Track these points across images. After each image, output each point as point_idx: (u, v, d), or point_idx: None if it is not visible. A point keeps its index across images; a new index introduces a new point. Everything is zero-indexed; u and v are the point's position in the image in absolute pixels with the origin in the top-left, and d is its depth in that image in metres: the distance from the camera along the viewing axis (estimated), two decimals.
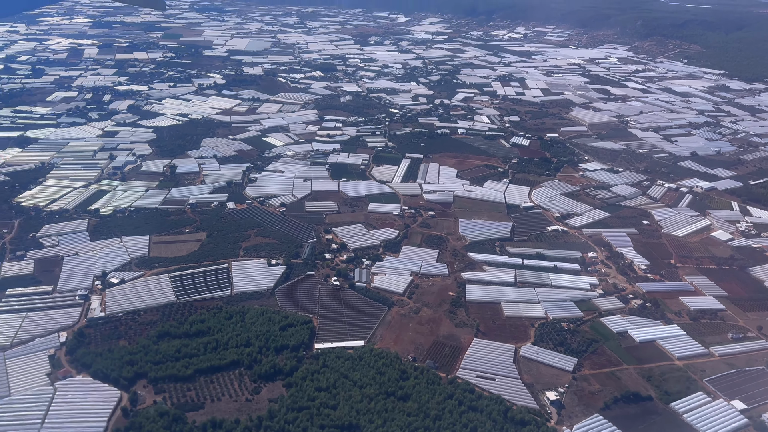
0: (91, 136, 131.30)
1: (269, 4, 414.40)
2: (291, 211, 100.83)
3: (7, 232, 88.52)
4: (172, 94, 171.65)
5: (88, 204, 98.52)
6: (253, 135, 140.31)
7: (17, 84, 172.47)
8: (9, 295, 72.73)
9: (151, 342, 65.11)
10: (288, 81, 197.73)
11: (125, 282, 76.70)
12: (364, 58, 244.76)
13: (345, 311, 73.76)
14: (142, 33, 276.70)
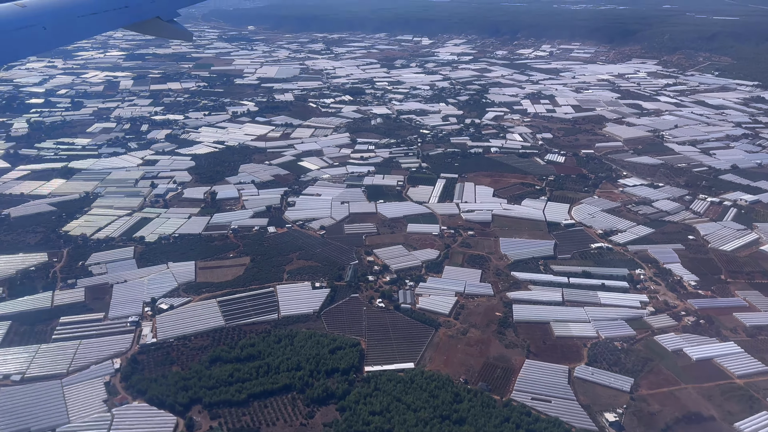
0: (132, 166, 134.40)
1: (295, 32, 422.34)
2: (331, 234, 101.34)
3: (57, 260, 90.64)
4: (207, 122, 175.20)
5: (133, 231, 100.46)
6: (289, 160, 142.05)
7: (58, 117, 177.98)
8: (62, 323, 74.16)
9: (203, 367, 65.56)
10: (318, 106, 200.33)
11: (174, 308, 77.67)
12: (392, 81, 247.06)
13: (392, 333, 73.37)
14: (174, 64, 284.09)
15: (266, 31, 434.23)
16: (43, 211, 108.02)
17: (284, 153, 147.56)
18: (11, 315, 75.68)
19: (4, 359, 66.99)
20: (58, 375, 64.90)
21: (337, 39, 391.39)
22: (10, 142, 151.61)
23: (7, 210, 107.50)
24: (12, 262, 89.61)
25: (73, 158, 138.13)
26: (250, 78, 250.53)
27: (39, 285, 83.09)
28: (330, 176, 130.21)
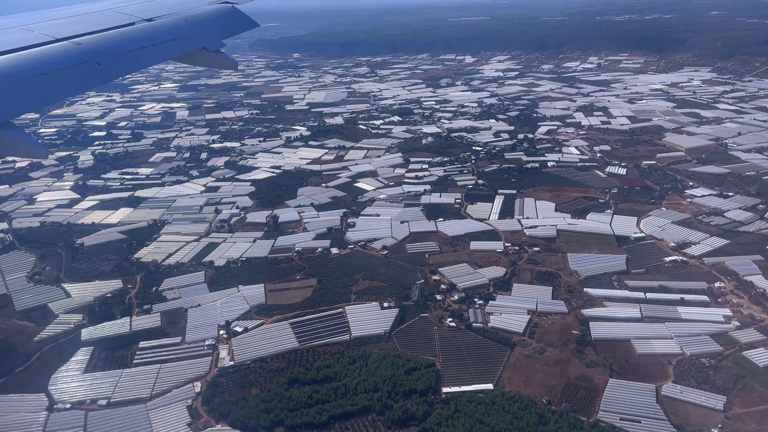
0: (195, 193, 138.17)
1: (339, 57, 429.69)
2: (393, 254, 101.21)
3: (131, 287, 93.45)
4: (263, 148, 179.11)
5: (202, 257, 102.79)
6: (344, 181, 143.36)
7: (121, 148, 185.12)
8: (142, 347, 76.05)
9: (282, 389, 65.85)
10: (368, 128, 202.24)
11: (248, 330, 78.65)
12: (439, 100, 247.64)
13: (466, 353, 72.18)
14: (226, 93, 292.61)
15: (311, 57, 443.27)
16: (114, 239, 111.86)
17: (339, 175, 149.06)
18: (92, 341, 78.17)
19: (90, 384, 68.98)
20: (141, 399, 66.34)
21: (381, 62, 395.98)
22: (78, 173, 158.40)
23: (80, 239, 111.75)
24: (89, 289, 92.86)
25: (138, 187, 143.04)
26: (300, 104, 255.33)
27: (116, 311, 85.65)
28: (387, 196, 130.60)
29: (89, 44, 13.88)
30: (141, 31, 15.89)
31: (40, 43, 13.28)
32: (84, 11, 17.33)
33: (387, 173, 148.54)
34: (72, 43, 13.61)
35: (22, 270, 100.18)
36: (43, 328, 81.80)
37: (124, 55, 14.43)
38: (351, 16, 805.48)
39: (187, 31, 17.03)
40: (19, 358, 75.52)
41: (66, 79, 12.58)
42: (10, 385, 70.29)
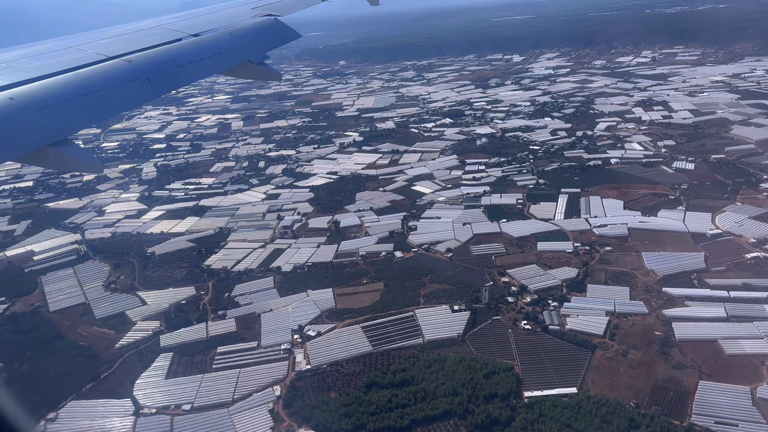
0: (257, 200, 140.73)
1: (385, 62, 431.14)
2: (458, 256, 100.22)
3: (204, 293, 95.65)
4: (317, 155, 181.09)
5: (269, 262, 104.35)
6: (401, 185, 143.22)
7: (181, 159, 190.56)
8: (220, 352, 77.59)
9: (360, 393, 65.85)
10: (420, 131, 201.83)
11: (321, 334, 79.19)
12: (489, 100, 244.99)
13: (545, 356, 70.51)
14: (277, 103, 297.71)
15: (357, 64, 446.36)
16: (183, 247, 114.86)
17: (396, 179, 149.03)
18: (172, 347, 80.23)
19: (173, 389, 70.73)
20: (224, 403, 67.56)
21: (427, 65, 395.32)
22: (143, 185, 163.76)
23: (151, 248, 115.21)
24: (164, 296, 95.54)
25: (201, 197, 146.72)
26: (350, 110, 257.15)
27: (192, 317, 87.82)
28: (445, 198, 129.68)
29: (140, 61, 14.33)
30: (188, 46, 16.21)
31: (93, 62, 13.75)
32: (134, 29, 17.99)
33: (443, 175, 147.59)
34: (123, 61, 14.10)
35: (98, 279, 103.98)
36: (122, 335, 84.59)
37: (173, 70, 14.76)
38: (392, 21, 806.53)
39: (232, 44, 17.37)
40: (103, 364, 78.21)
41: (119, 96, 13.04)
42: (97, 391, 72.81)
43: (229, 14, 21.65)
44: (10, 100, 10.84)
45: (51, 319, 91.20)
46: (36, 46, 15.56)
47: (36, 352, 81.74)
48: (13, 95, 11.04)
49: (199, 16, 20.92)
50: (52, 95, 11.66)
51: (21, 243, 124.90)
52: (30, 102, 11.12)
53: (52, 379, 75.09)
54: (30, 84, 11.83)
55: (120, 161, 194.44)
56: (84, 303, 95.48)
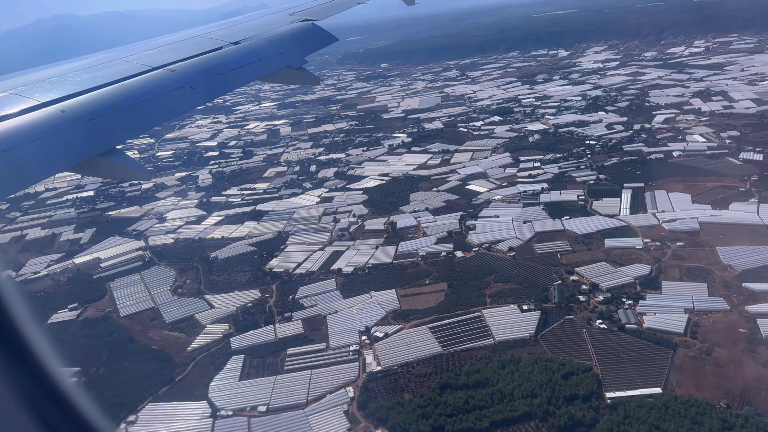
0: (312, 204, 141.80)
1: (426, 63, 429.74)
2: (522, 255, 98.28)
3: (269, 296, 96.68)
4: (367, 157, 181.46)
5: (329, 264, 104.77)
6: (455, 185, 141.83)
7: (235, 166, 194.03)
8: (290, 354, 78.09)
9: (435, 394, 65.04)
10: (469, 130, 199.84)
11: (389, 335, 78.80)
12: (538, 96, 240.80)
13: (624, 356, 68.16)
14: (323, 107, 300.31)
15: (398, 66, 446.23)
16: (245, 251, 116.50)
17: (448, 179, 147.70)
18: (242, 349, 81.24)
19: (247, 391, 71.50)
20: (299, 405, 67.85)
21: (470, 64, 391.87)
22: (200, 192, 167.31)
23: (213, 253, 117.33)
24: (229, 299, 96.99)
25: (258, 202, 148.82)
26: (396, 112, 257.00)
27: (259, 320, 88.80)
28: (502, 197, 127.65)
29: (183, 70, 14.63)
30: (229, 54, 16.55)
31: (138, 73, 14.06)
32: (176, 39, 18.36)
33: (498, 174, 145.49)
34: (167, 71, 14.37)
35: (165, 284, 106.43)
36: (193, 338, 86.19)
37: (215, 78, 15.08)
38: (431, 22, 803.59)
39: (272, 51, 17.66)
40: (176, 367, 79.72)
41: (164, 105, 13.36)
42: (173, 393, 74.24)
43: (268, 21, 21.87)
44: (62, 112, 11.16)
45: (122, 323, 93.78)
46: (84, 60, 15.92)
47: (111, 356, 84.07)
48: (65, 108, 11.35)
49: (239, 24, 21.22)
50: (100, 106, 12.01)
51: (88, 250, 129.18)
52: (80, 114, 11.46)
53: (129, 382, 77.00)
54: (79, 96, 12.12)
55: (176, 169, 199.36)
56: (153, 308, 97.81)
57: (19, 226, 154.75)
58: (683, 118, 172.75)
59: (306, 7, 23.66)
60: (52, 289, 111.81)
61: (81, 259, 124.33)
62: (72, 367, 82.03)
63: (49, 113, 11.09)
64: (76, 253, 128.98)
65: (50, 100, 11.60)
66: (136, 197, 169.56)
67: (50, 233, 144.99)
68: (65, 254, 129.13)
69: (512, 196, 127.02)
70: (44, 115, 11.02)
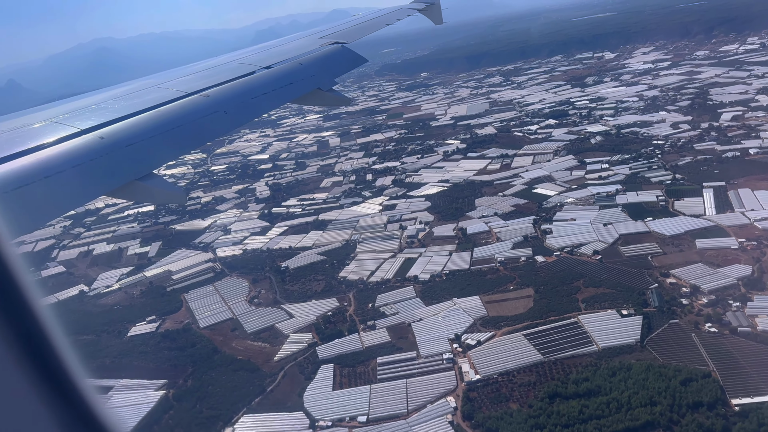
0: (374, 212, 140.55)
1: (467, 71, 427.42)
2: (608, 258, 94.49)
3: (347, 304, 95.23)
4: (423, 164, 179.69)
5: (403, 272, 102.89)
6: (520, 189, 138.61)
7: (290, 177, 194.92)
8: (381, 363, 76.20)
9: (544, 404, 62.06)
10: (525, 134, 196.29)
11: (482, 343, 76.18)
12: (592, 98, 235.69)
13: (744, 361, 64.01)
14: (368, 117, 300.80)
15: (439, 75, 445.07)
16: (315, 261, 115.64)
17: (512, 183, 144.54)
18: (330, 358, 79.78)
19: (343, 401, 69.79)
20: (399, 415, 65.77)
21: (512, 69, 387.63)
22: (260, 203, 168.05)
23: (283, 263, 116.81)
24: (308, 308, 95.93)
25: (319, 211, 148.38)
26: (444, 119, 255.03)
27: (341, 328, 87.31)
28: (574, 200, 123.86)
29: (217, 95, 14.95)
30: (261, 78, 16.94)
31: (174, 99, 14.33)
32: (210, 65, 18.78)
33: (564, 177, 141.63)
34: (201, 96, 14.68)
35: (240, 295, 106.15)
36: (278, 348, 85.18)
37: (248, 102, 15.40)
38: (466, 31, 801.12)
39: (303, 74, 18.01)
40: (266, 377, 78.69)
41: (199, 129, 13.58)
42: (265, 404, 73.11)
43: (299, 45, 22.15)
44: (101, 139, 11.44)
45: (203, 334, 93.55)
46: (121, 88, 16.41)
47: (197, 368, 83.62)
48: (103, 134, 11.65)
49: (270, 49, 21.63)
50: (137, 132, 12.31)
51: (157, 263, 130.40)
52: (118, 140, 11.72)
53: (220, 393, 76.23)
54: (117, 123, 12.39)
55: (232, 182, 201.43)
56: (232, 318, 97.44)
57: (85, 242, 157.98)
58: (752, 115, 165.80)
59: (336, 30, 24.37)
60: (127, 302, 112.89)
61: (152, 272, 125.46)
62: (159, 380, 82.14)
63: (88, 140, 11.36)
64: (146, 267, 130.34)
65: (89, 128, 11.83)
66: (197, 210, 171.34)
67: (116, 248, 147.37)
68: (135, 267, 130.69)
69: (585, 199, 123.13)
70: (83, 142, 11.28)
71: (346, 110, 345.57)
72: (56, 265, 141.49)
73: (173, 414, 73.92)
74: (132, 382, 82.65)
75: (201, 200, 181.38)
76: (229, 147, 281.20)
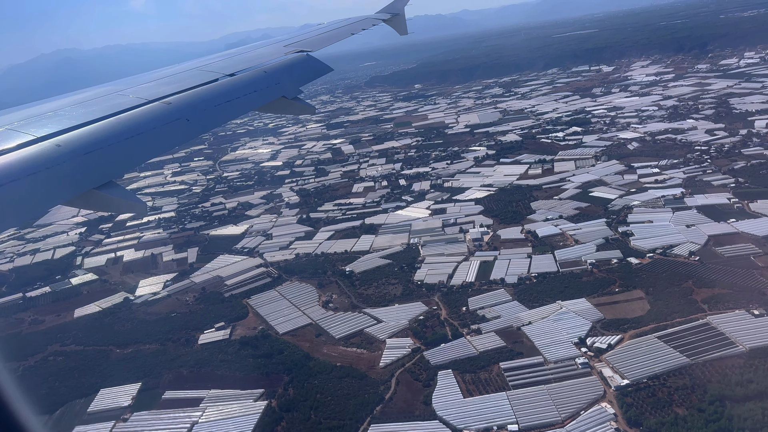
0: (423, 216, 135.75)
1: (462, 82, 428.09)
2: (707, 259, 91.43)
3: (436, 308, 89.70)
4: (456, 170, 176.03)
5: (484, 275, 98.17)
6: (576, 192, 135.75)
7: (313, 183, 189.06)
8: (506, 368, 70.85)
9: (716, 407, 57.61)
10: (553, 140, 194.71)
11: (613, 347, 71.58)
12: (608, 108, 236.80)
13: None
14: (374, 126, 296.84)
15: (433, 86, 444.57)
16: (380, 264, 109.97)
17: (564, 187, 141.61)
18: (443, 363, 74.23)
19: (482, 409, 64.20)
20: (553, 423, 60.50)
21: (510, 81, 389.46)
22: (293, 208, 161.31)
23: (348, 266, 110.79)
24: (394, 313, 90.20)
25: (363, 216, 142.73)
26: (457, 127, 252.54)
27: (441, 332, 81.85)
28: (640, 202, 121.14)
29: (178, 103, 14.58)
30: (224, 86, 16.54)
31: (134, 106, 13.93)
32: (172, 72, 18.22)
33: (617, 180, 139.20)
34: (163, 103, 14.33)
35: (309, 299, 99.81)
36: (378, 354, 79.23)
37: (211, 110, 14.96)
38: (445, 46, 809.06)
39: (267, 82, 17.65)
40: (377, 384, 72.60)
41: (160, 137, 13.16)
42: (389, 413, 66.99)
43: (263, 53, 21.77)
44: (57, 146, 11.15)
45: (286, 340, 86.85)
46: (79, 94, 15.64)
47: (294, 376, 76.91)
48: (60, 142, 11.34)
49: (235, 56, 21.08)
50: (96, 140, 11.90)
51: (203, 269, 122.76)
52: (75, 148, 11.35)
53: (333, 402, 69.82)
54: (75, 130, 12.02)
55: (252, 189, 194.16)
56: (310, 323, 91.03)
57: (109, 248, 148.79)
58: None
59: (301, 39, 24.08)
60: (183, 308, 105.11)
61: (200, 278, 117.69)
62: (252, 389, 75.43)
63: (44, 148, 11.04)
64: (190, 273, 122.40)
65: (45, 135, 11.52)
66: (225, 217, 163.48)
67: (149, 254, 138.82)
68: (178, 274, 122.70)
69: (652, 202, 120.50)
70: (40, 149, 10.95)
71: (347, 119, 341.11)
72: (85, 272, 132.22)
73: (287, 426, 67.12)
74: (224, 393, 75.52)
75: (226, 206, 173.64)
76: (235, 154, 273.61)
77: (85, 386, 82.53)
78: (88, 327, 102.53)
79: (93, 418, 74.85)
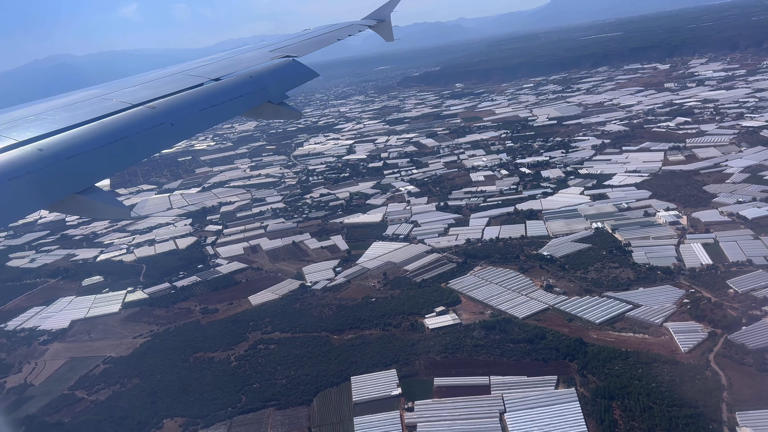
0: (581, 201, 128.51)
1: (506, 81, 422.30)
2: None
3: (694, 291, 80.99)
4: (580, 157, 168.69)
5: (718, 256, 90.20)
6: (745, 176, 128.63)
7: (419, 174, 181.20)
8: None
9: None
10: (668, 129, 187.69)
11: None
12: (698, 100, 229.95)
13: None
14: (439, 121, 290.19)
15: (475, 85, 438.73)
16: (580, 248, 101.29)
17: (726, 172, 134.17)
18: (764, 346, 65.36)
19: None
20: None
21: (561, 79, 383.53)
22: (419, 197, 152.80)
23: (544, 251, 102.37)
24: (647, 296, 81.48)
25: (507, 203, 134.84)
26: (539, 120, 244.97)
27: (728, 315, 73.11)
28: None
29: (163, 107, 14.15)
30: (209, 90, 16.10)
31: (118, 110, 13.56)
32: (157, 77, 17.79)
33: None
34: (147, 108, 13.91)
35: (519, 283, 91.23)
36: (665, 339, 70.56)
37: (196, 114, 14.43)
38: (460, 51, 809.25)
39: (252, 86, 17.23)
40: (697, 369, 63.81)
41: (144, 142, 12.76)
42: (740, 400, 58.14)
43: (249, 57, 21.24)
44: (39, 151, 10.86)
45: (534, 324, 78.19)
46: (64, 98, 15.25)
47: (579, 362, 67.98)
48: (42, 146, 11.05)
49: (220, 61, 20.67)
50: (78, 144, 11.60)
51: (364, 256, 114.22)
52: (58, 152, 11.08)
53: (667, 390, 60.84)
54: (57, 135, 11.76)
55: (352, 180, 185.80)
56: (548, 308, 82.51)
57: (235, 238, 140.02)
58: None
59: (287, 44, 23.58)
60: (377, 294, 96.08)
61: (370, 264, 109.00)
62: (539, 376, 66.59)
63: (26, 152, 10.77)
64: (349, 260, 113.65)
65: (28, 139, 11.27)
66: (343, 206, 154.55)
67: (288, 242, 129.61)
68: (341, 260, 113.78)
69: None
70: (21, 153, 10.68)
71: (403, 116, 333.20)
72: (228, 261, 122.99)
73: (622, 414, 58.21)
74: (507, 380, 66.92)
75: (337, 196, 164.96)
76: (303, 149, 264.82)
77: (326, 374, 73.39)
78: (279, 314, 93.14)
79: (365, 408, 65.73)
